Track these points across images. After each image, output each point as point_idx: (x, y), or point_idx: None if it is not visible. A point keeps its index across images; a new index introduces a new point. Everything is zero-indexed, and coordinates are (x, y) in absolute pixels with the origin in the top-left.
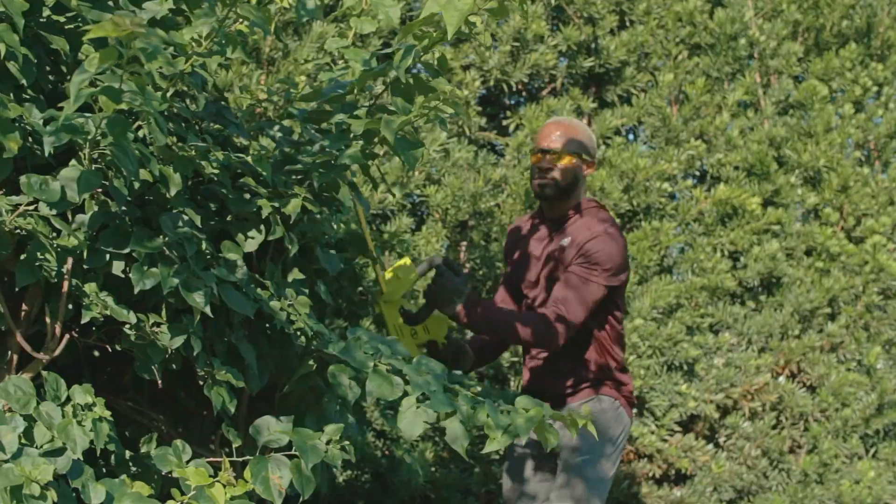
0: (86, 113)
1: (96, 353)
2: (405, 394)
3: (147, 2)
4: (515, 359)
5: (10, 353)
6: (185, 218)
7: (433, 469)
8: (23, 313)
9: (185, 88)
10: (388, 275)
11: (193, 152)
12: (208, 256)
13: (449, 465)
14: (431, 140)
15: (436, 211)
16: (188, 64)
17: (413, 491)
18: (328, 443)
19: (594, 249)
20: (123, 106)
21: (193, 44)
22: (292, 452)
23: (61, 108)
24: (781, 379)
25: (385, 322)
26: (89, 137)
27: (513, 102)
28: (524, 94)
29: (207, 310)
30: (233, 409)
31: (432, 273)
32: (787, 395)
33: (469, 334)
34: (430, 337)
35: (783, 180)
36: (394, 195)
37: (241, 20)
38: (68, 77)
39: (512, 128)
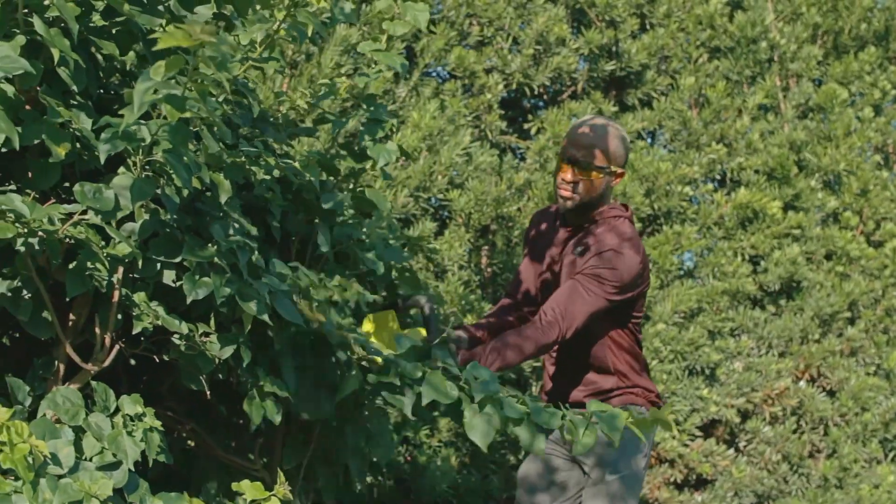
0: (139, 120)
1: (132, 362)
2: (460, 400)
3: (198, 6)
4: (537, 363)
5: (56, 363)
6: (237, 226)
7: (455, 475)
8: (70, 322)
9: (229, 94)
10: (369, 327)
11: (243, 158)
12: (259, 265)
13: (470, 471)
14: (454, 144)
15: (458, 215)
16: (243, 70)
17: (436, 496)
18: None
19: (603, 264)
20: (187, 114)
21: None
22: None
23: (112, 115)
24: (802, 383)
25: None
26: (143, 145)
27: (530, 105)
28: (544, 97)
29: (266, 317)
30: (278, 421)
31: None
32: (808, 400)
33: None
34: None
35: (803, 184)
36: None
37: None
38: (104, 81)
39: (533, 131)
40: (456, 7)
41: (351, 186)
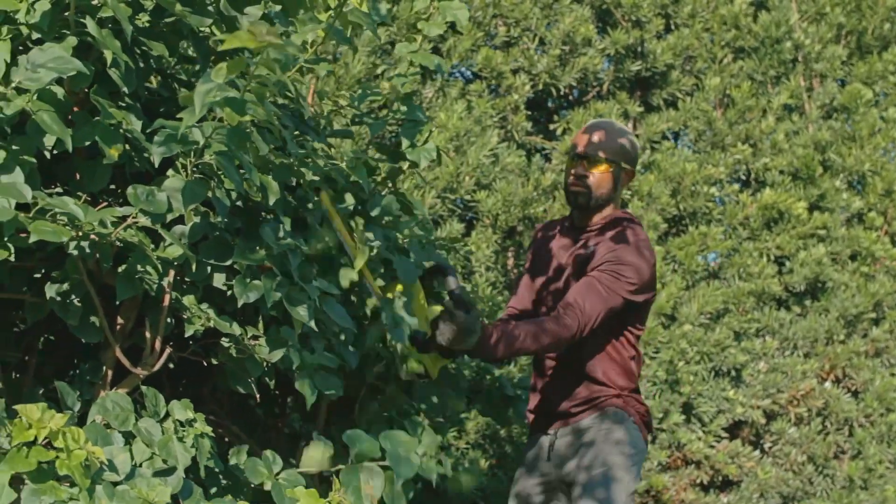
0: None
1: (171, 366)
2: None
3: (249, 6)
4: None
5: (104, 367)
6: (287, 229)
7: (482, 476)
8: (118, 326)
9: (293, 96)
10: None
11: (292, 160)
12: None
13: (498, 473)
14: (481, 144)
15: (486, 216)
16: (294, 71)
17: (463, 498)
18: (423, 455)
19: (623, 259)
20: (247, 117)
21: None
22: (384, 464)
23: (156, 116)
24: (827, 384)
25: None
26: (195, 148)
27: (555, 105)
28: (570, 97)
29: (312, 324)
30: (339, 393)
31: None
32: (833, 401)
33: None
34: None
35: (828, 184)
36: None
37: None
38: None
39: (559, 132)
40: (483, 7)
41: (389, 187)
